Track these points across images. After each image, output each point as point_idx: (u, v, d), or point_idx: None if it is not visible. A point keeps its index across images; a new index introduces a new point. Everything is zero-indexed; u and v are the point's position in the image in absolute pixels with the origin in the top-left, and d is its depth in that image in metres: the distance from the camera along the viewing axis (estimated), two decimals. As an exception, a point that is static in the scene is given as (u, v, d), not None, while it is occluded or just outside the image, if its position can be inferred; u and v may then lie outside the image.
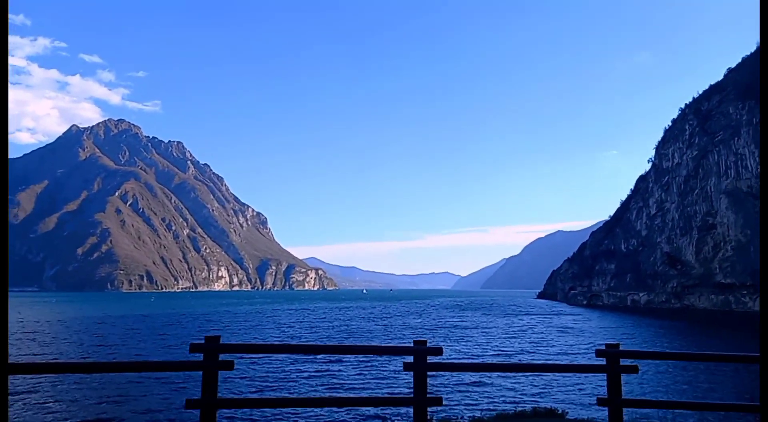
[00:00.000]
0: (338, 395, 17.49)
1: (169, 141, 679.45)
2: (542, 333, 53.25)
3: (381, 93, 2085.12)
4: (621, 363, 8.32)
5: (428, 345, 7.96)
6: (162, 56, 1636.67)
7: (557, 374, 24.53)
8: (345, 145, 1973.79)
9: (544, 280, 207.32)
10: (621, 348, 8.46)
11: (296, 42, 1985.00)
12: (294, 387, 23.79)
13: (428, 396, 7.81)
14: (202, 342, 7.37)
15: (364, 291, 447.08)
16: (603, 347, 8.56)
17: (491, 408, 18.65)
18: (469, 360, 31.99)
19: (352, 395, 18.90)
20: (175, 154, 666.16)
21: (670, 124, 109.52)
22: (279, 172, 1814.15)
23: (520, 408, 12.48)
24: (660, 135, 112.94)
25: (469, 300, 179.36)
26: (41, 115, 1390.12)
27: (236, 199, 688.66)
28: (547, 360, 33.81)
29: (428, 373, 7.97)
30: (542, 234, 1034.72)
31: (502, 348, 39.62)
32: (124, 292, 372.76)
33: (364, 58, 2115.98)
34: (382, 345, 27.15)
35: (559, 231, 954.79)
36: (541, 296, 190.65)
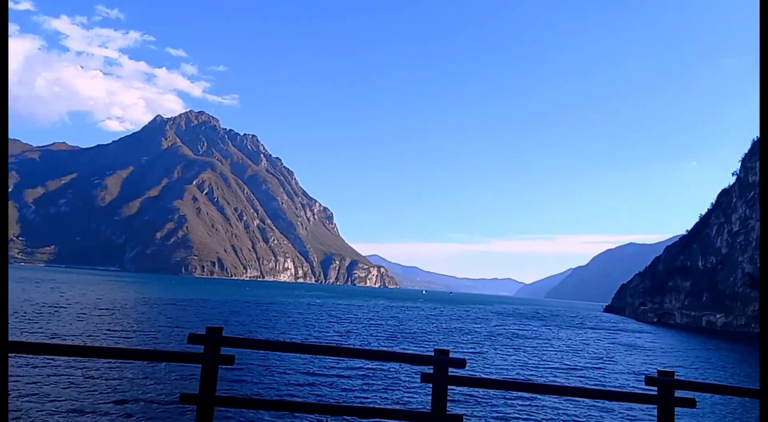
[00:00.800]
0: (345, 403, 16.03)
1: (245, 134, 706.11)
2: (606, 349, 51.86)
3: (452, 94, 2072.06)
4: (676, 395, 7.37)
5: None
6: (241, 51, 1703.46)
7: (601, 401, 22.88)
8: (414, 145, 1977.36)
9: (611, 293, 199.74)
10: (684, 375, 8.00)
11: (372, 39, 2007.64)
12: (300, 390, 22.60)
13: (447, 413, 7.09)
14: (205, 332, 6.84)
15: (424, 292, 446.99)
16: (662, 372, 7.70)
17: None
18: (498, 376, 29.39)
19: (360, 404, 17.44)
20: (249, 146, 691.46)
21: (758, 135, 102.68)
22: (347, 168, 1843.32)
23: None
24: (747, 147, 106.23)
25: (532, 308, 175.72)
26: (129, 104, 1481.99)
27: (304, 193, 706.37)
28: (603, 379, 33.12)
29: (451, 386, 7.28)
30: (613, 246, 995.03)
31: (558, 362, 39.10)
32: (197, 277, 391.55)
33: (437, 58, 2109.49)
34: (401, 351, 25.69)
35: (631, 243, 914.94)
36: (608, 310, 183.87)
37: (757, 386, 7.11)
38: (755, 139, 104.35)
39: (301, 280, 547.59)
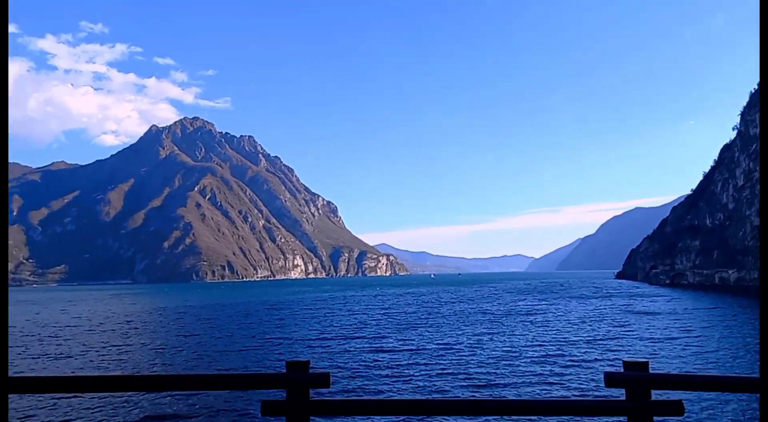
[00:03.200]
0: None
1: (241, 136, 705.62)
2: (620, 317, 51.58)
3: (449, 74, 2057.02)
4: (653, 399, 4.59)
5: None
6: (229, 53, 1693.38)
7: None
8: (411, 129, 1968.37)
9: (622, 260, 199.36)
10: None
11: (363, 25, 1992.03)
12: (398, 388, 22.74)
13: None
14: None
15: (432, 275, 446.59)
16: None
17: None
18: (383, 397, 28.46)
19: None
20: (247, 148, 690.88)
21: (756, 87, 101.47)
22: (346, 160, 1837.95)
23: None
24: (745, 100, 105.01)
25: (543, 283, 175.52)
26: (123, 117, 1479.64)
27: (307, 189, 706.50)
28: (621, 349, 32.85)
29: None
30: (619, 212, 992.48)
31: (577, 336, 38.89)
32: (208, 282, 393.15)
33: (430, 39, 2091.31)
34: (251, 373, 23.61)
35: (637, 207, 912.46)
36: (619, 276, 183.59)
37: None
38: (752, 91, 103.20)
39: (312, 276, 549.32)
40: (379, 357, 29.17)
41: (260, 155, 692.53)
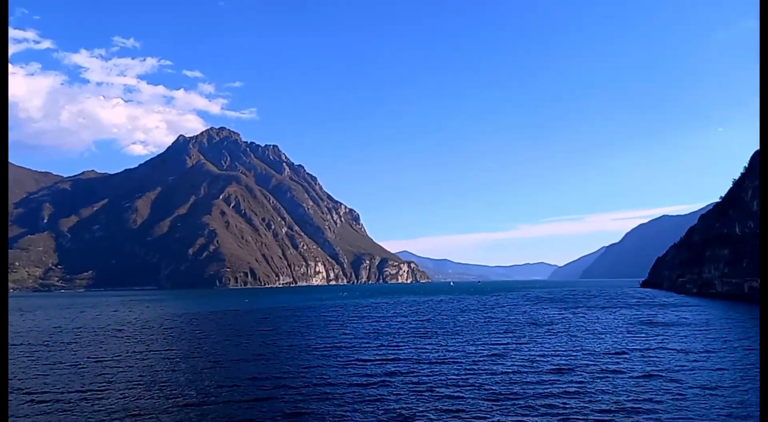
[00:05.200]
0: None
1: (266, 145, 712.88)
2: (649, 329, 50.40)
3: (469, 79, 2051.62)
4: None
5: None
6: (256, 65, 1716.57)
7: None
8: (434, 137, 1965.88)
9: (647, 269, 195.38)
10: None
11: (386, 34, 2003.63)
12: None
13: None
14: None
15: (451, 283, 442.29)
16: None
17: None
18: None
19: None
20: (271, 157, 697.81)
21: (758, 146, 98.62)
22: (369, 168, 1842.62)
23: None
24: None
25: (565, 291, 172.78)
26: (151, 128, 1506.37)
27: (329, 197, 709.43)
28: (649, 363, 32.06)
29: None
30: (645, 220, 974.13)
31: (601, 347, 38.13)
32: (231, 288, 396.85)
33: (452, 44, 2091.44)
34: None
35: (664, 215, 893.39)
36: (645, 285, 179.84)
37: None
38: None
39: (333, 282, 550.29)
40: (384, 368, 28.94)
41: (284, 164, 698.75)
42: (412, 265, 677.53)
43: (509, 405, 19.78)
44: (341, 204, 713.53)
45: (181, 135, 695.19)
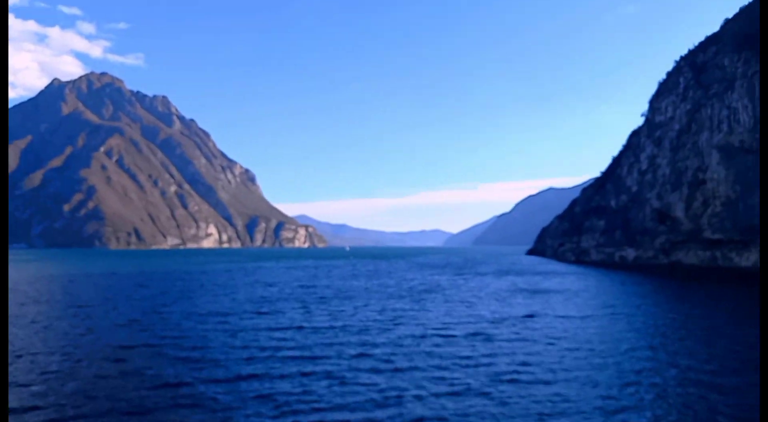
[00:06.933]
0: None
1: (154, 95, 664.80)
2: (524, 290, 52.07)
3: (372, 41, 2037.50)
4: None
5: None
6: (144, 7, 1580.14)
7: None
8: (336, 98, 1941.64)
9: (534, 237, 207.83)
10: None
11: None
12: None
13: None
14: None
15: (347, 248, 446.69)
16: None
17: None
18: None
19: None
20: (159, 108, 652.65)
21: (664, 76, 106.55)
22: (267, 127, 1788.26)
23: None
24: (654, 89, 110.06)
25: (455, 257, 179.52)
26: (20, 68, 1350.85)
27: (223, 155, 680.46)
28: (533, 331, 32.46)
29: None
30: (534, 192, 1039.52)
31: (488, 313, 38.34)
32: (112, 249, 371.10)
33: (354, 4, 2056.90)
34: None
35: (551, 188, 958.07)
36: (530, 253, 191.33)
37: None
38: (661, 81, 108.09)
39: (226, 245, 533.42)
40: (277, 335, 26.81)
41: (174, 117, 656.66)
42: (310, 229, 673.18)
43: (393, 372, 18.57)
44: (236, 163, 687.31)
45: (55, 78, 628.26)
